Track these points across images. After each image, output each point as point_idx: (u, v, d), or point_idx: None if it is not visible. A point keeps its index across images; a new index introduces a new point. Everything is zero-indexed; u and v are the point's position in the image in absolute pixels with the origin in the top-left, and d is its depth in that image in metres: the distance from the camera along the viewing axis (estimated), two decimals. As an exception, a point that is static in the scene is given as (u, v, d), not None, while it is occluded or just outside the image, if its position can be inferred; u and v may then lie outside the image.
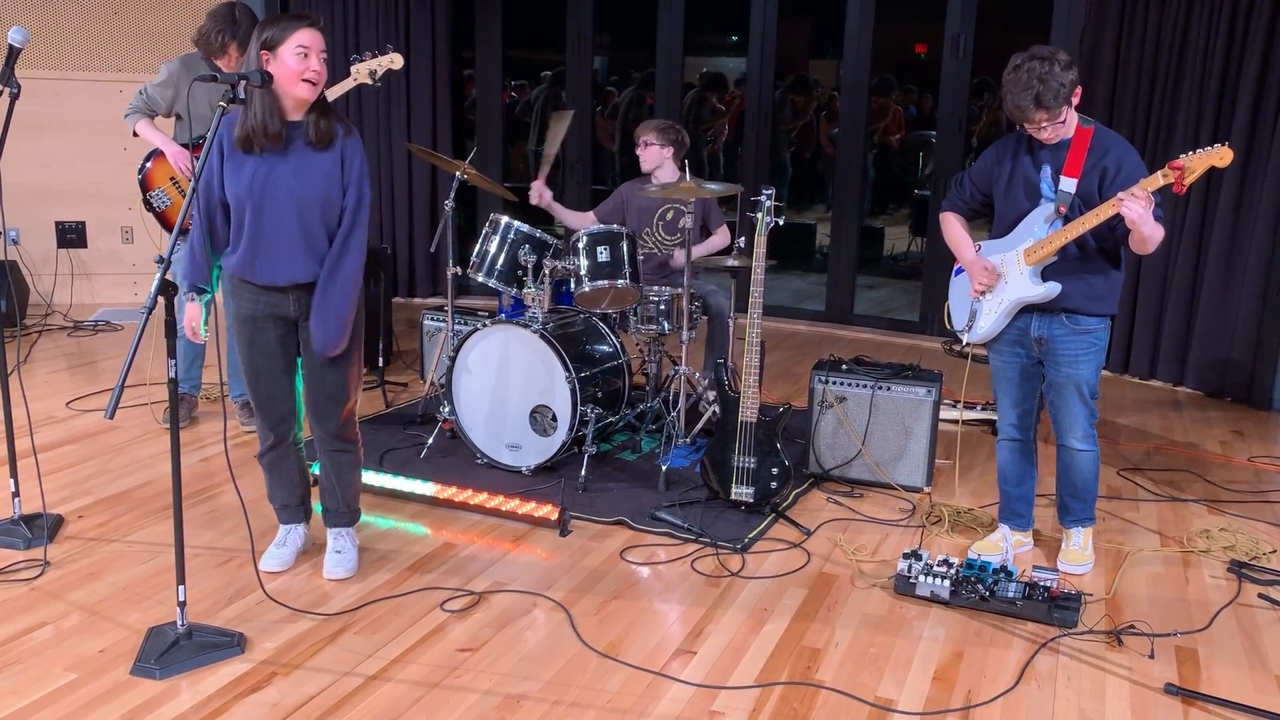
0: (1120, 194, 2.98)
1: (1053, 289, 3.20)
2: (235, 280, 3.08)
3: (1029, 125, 3.13)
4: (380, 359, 5.25)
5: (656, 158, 4.76)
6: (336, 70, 4.67)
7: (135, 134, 4.34)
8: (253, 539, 3.24)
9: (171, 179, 4.33)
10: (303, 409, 3.26)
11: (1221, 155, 2.94)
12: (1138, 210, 2.94)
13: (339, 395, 3.17)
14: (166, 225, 4.44)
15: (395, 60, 4.24)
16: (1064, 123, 3.11)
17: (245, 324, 3.11)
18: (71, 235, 6.73)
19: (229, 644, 2.83)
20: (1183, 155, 2.98)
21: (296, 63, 2.90)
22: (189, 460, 4.20)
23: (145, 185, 4.37)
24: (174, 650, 2.75)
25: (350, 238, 3.02)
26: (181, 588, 2.78)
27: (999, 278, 3.31)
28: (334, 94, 3.98)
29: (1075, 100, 3.09)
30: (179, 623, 2.80)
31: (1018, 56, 3.08)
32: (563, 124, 4.79)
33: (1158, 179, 2.97)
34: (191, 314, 3.04)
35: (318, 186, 2.98)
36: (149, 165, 4.36)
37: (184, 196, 4.34)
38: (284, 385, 3.19)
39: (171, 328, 2.69)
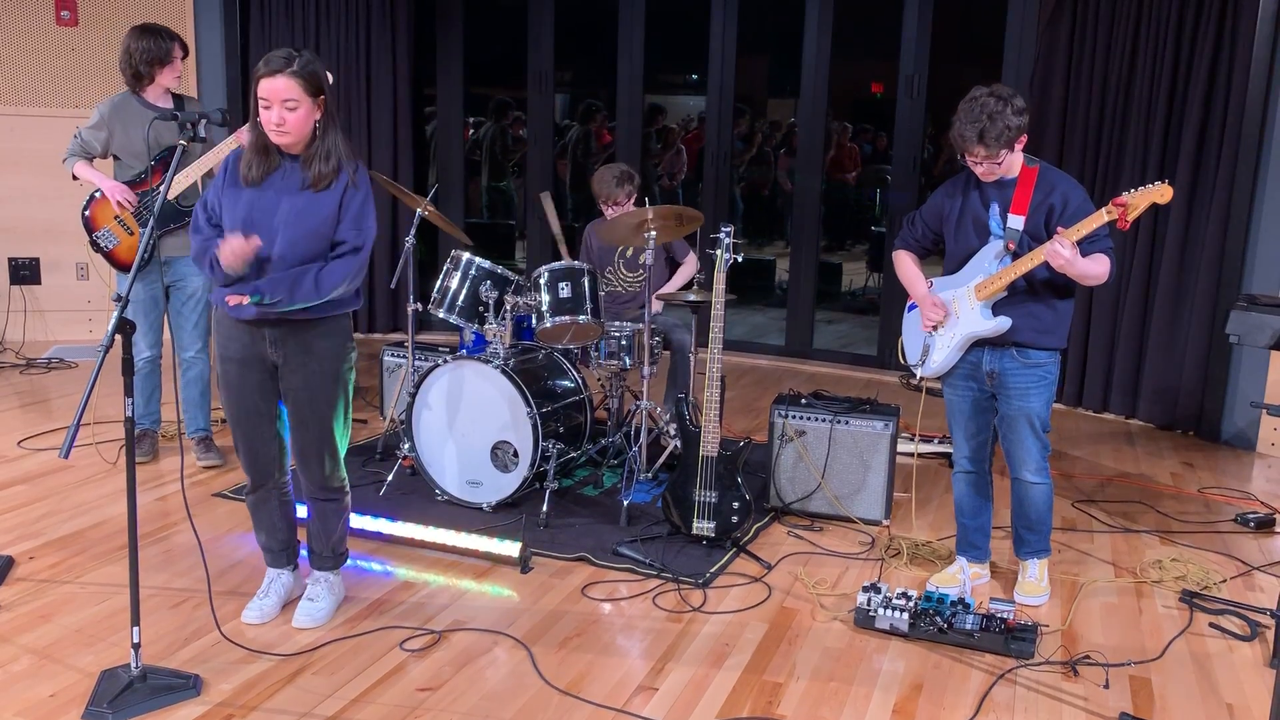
0: (1047, 243, 3.08)
1: (1004, 323, 3.26)
2: (217, 315, 3.04)
3: (967, 156, 3.20)
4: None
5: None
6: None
7: (75, 177, 4.31)
8: (209, 578, 3.20)
9: (115, 217, 4.29)
10: (289, 455, 3.19)
11: (1162, 193, 3.04)
12: (1063, 257, 3.04)
13: (321, 447, 3.10)
14: (115, 264, 4.36)
15: None
16: (1000, 164, 3.18)
17: (226, 366, 3.05)
18: (25, 272, 6.65)
19: (185, 686, 2.79)
20: (1125, 193, 3.07)
21: (262, 114, 2.86)
22: (144, 499, 4.13)
23: (90, 227, 4.32)
24: (128, 693, 2.71)
25: (332, 260, 2.94)
26: (136, 629, 2.74)
27: (949, 313, 3.38)
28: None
29: (1018, 146, 3.17)
30: (133, 665, 2.75)
31: (979, 88, 3.14)
32: (549, 205, 4.90)
33: (1102, 215, 3.06)
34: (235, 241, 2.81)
35: (308, 224, 2.90)
36: (91, 206, 4.32)
37: (130, 233, 4.31)
38: (264, 432, 3.11)
39: (129, 365, 2.67)
